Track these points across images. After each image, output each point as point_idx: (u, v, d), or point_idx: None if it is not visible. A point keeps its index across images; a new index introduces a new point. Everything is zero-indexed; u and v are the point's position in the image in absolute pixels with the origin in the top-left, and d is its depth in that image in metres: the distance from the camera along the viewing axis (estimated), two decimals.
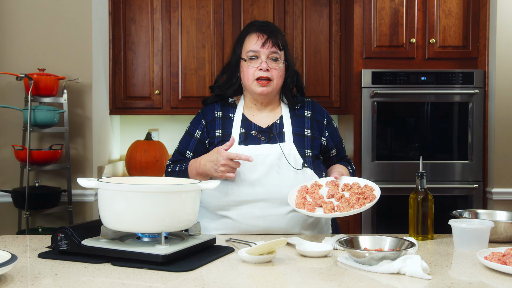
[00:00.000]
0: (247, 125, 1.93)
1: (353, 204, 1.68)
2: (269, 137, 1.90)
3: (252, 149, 1.86)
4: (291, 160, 1.85)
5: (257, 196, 1.81)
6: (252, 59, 1.88)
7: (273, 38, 1.89)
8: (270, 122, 1.94)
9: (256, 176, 1.82)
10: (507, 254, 1.38)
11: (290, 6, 3.61)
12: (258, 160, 1.83)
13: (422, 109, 3.33)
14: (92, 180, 1.49)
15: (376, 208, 3.28)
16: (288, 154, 1.85)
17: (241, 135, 1.90)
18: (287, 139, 1.89)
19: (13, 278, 1.27)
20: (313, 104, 2.01)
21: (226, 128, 1.93)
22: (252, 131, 1.92)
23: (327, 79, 3.63)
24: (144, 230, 1.45)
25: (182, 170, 1.92)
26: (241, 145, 1.87)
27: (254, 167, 1.82)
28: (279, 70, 1.89)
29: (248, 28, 1.95)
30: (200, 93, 3.59)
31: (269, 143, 1.88)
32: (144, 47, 3.59)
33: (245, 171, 1.82)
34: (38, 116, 2.89)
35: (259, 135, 1.91)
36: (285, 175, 1.82)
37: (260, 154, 1.84)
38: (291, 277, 1.31)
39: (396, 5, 3.32)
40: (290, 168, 1.84)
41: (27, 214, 2.83)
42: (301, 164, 1.85)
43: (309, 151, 1.90)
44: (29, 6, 3.13)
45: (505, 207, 3.19)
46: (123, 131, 3.93)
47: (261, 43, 1.87)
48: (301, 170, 1.84)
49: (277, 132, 1.91)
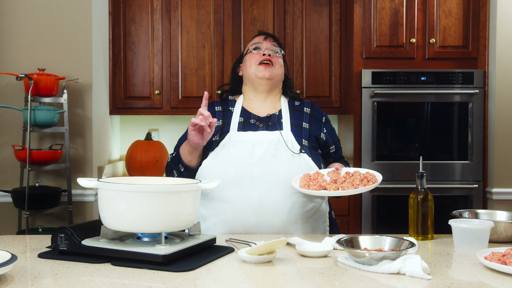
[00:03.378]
0: (246, 115, 1.99)
1: (357, 185, 1.72)
2: (267, 125, 1.95)
3: (250, 134, 1.90)
4: (289, 145, 1.89)
5: (254, 178, 1.82)
6: (255, 50, 2.05)
7: (274, 38, 2.10)
8: (269, 112, 2.01)
9: (253, 158, 1.84)
10: (507, 254, 1.38)
11: (290, 6, 3.61)
12: (256, 145, 1.87)
13: (422, 109, 3.33)
14: (92, 180, 1.49)
15: (376, 208, 3.28)
16: (286, 140, 1.90)
17: (239, 123, 1.95)
18: (285, 128, 1.94)
19: (13, 278, 1.27)
20: (312, 104, 2.10)
21: (225, 119, 1.99)
22: (251, 119, 1.97)
23: (327, 79, 3.63)
24: (144, 230, 1.45)
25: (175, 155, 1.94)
26: (239, 131, 1.92)
27: (252, 151, 1.86)
28: (280, 60, 2.04)
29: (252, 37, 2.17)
30: (200, 93, 3.59)
31: (268, 130, 1.93)
32: (144, 47, 3.59)
33: (243, 154, 1.85)
34: (38, 116, 2.89)
35: (258, 123, 1.96)
36: (282, 158, 1.85)
37: (258, 139, 1.89)
38: (291, 277, 1.31)
39: (396, 5, 3.32)
40: (288, 151, 1.87)
41: (27, 214, 2.83)
42: (299, 149, 1.88)
43: (306, 141, 1.94)
44: (29, 6, 3.13)
45: (505, 207, 3.19)
46: (123, 131, 3.92)
47: (263, 38, 2.08)
48: (298, 155, 1.87)
49: (275, 121, 1.96)
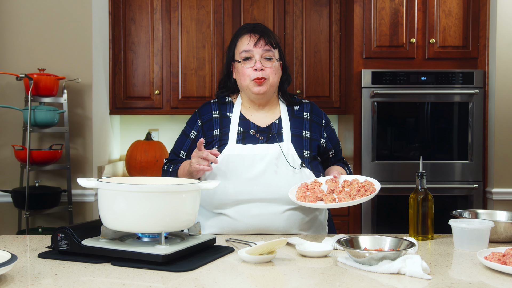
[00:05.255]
0: (245, 124, 1.92)
1: (353, 196, 1.69)
2: (268, 137, 1.89)
3: (250, 148, 1.85)
4: (290, 160, 1.85)
5: (255, 195, 1.80)
6: (246, 60, 1.88)
7: (265, 37, 1.89)
8: (268, 122, 1.94)
9: (253, 174, 1.81)
10: (507, 254, 1.38)
11: (290, 6, 3.61)
12: (256, 159, 1.83)
13: (422, 109, 3.33)
14: (92, 180, 1.49)
15: (376, 208, 3.28)
16: (286, 154, 1.85)
17: (239, 134, 1.90)
18: (286, 139, 1.89)
19: (13, 278, 1.27)
20: (311, 106, 2.02)
21: (223, 127, 1.93)
22: (250, 130, 1.91)
23: (327, 79, 3.63)
24: (144, 230, 1.45)
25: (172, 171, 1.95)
26: (239, 144, 1.87)
27: (252, 166, 1.82)
28: (274, 68, 1.89)
29: (240, 30, 1.95)
30: (200, 93, 3.59)
31: (268, 142, 1.88)
32: (144, 47, 3.59)
33: (243, 170, 1.82)
34: (38, 116, 2.89)
35: (258, 135, 1.90)
36: (283, 174, 1.82)
37: (258, 153, 1.84)
38: (291, 277, 1.31)
39: (396, 5, 3.32)
40: (288, 168, 1.83)
41: (27, 214, 2.83)
42: (300, 164, 1.85)
43: (307, 152, 1.90)
44: (29, 6, 3.13)
45: (505, 207, 3.19)
46: (123, 131, 3.93)
47: (253, 42, 1.88)
48: (299, 170, 1.84)
49: (275, 132, 1.91)
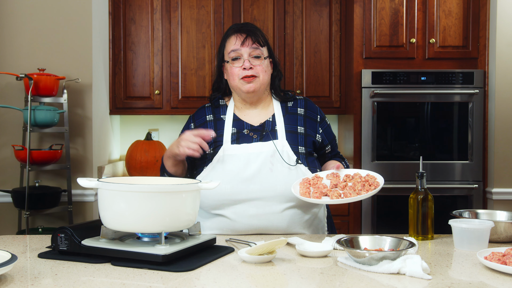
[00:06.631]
0: (239, 125, 1.92)
1: (359, 191, 1.67)
2: (262, 135, 1.89)
3: (244, 147, 1.85)
4: (285, 157, 1.84)
5: (251, 194, 1.79)
6: (235, 60, 1.89)
7: (252, 36, 1.90)
8: (262, 120, 1.94)
9: (249, 173, 1.81)
10: (507, 254, 1.38)
11: (290, 6, 3.61)
12: (251, 158, 1.83)
13: (422, 109, 3.33)
14: (92, 180, 1.49)
15: (376, 208, 3.28)
16: (281, 151, 1.84)
17: (233, 134, 1.90)
18: (280, 136, 1.88)
19: (13, 278, 1.27)
20: (305, 101, 2.01)
21: (218, 129, 1.92)
22: (244, 129, 1.91)
23: (327, 79, 3.63)
24: (144, 230, 1.45)
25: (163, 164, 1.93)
26: (233, 144, 1.87)
27: (247, 165, 1.82)
28: (263, 66, 1.90)
29: (228, 31, 1.97)
30: (200, 93, 3.59)
31: (262, 141, 1.87)
32: (144, 47, 3.59)
33: (238, 169, 1.82)
34: (38, 116, 2.89)
35: (251, 133, 1.90)
36: (278, 172, 1.81)
37: (252, 152, 1.84)
38: (291, 277, 1.31)
39: (396, 5, 3.32)
40: (284, 165, 1.83)
41: (27, 214, 2.83)
42: (295, 161, 1.84)
43: (303, 148, 1.89)
44: (29, 6, 3.13)
45: (505, 207, 3.19)
46: (123, 131, 3.93)
47: (240, 42, 1.89)
48: (294, 167, 1.83)
49: (269, 130, 1.90)
